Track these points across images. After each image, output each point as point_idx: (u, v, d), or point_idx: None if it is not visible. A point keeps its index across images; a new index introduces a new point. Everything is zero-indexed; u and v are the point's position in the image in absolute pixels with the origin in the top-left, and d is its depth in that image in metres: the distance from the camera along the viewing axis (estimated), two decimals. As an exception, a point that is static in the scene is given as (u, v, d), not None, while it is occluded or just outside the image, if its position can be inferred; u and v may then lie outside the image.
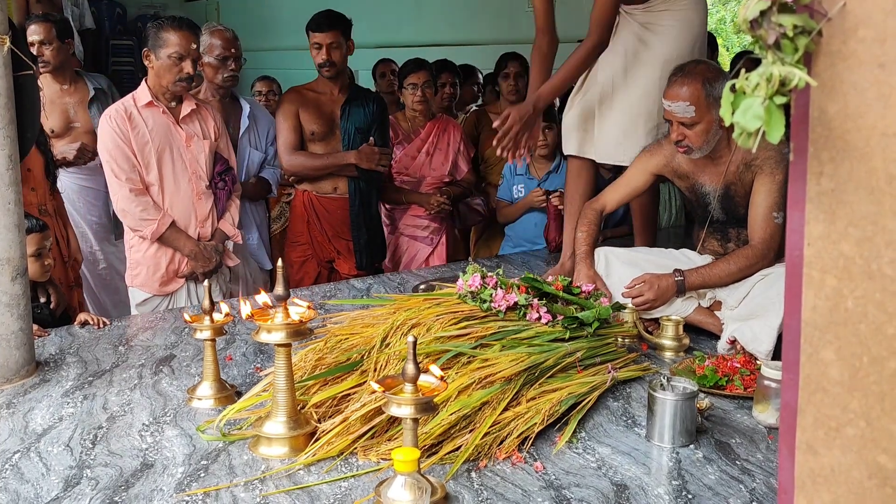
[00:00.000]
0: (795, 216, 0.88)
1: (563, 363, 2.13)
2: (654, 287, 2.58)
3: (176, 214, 3.17)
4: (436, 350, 2.01)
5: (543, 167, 4.13)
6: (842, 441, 0.87)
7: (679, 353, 2.52)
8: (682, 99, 2.51)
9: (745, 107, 0.80)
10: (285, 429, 1.84)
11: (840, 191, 0.84)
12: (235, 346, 2.63)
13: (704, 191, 2.74)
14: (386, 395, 1.57)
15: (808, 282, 0.88)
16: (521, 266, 3.65)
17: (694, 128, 2.54)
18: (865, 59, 0.80)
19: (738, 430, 1.99)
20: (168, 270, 3.20)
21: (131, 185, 3.08)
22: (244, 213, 3.86)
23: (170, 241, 3.17)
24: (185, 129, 3.19)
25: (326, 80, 3.81)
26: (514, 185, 4.14)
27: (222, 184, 3.30)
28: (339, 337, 2.12)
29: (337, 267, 3.95)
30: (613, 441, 1.93)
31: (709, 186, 2.72)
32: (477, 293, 2.24)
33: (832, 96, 0.83)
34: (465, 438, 1.82)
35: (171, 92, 3.15)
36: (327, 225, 3.89)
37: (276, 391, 1.85)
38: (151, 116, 3.14)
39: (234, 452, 1.86)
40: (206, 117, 3.29)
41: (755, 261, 2.54)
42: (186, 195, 3.20)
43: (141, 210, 3.10)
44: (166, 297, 3.23)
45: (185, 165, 3.19)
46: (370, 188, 3.92)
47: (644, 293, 2.58)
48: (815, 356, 0.89)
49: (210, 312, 2.14)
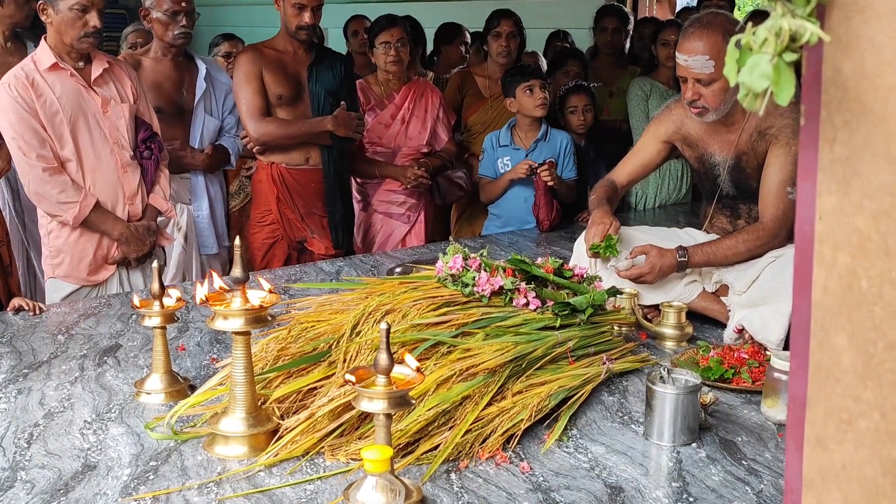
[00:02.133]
0: (806, 187, 0.88)
1: (552, 353, 2.13)
2: (655, 268, 2.59)
3: (99, 193, 3.07)
4: (412, 339, 2.01)
5: (530, 135, 4.12)
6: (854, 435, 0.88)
7: (681, 342, 2.54)
8: (699, 53, 2.50)
9: (751, 65, 0.80)
10: (244, 426, 1.84)
11: (855, 159, 0.84)
12: (189, 335, 2.62)
13: (714, 161, 2.75)
14: (356, 388, 1.57)
15: (819, 260, 0.88)
16: (508, 247, 3.65)
17: (711, 86, 2.54)
18: (884, 12, 0.80)
19: (745, 428, 2.01)
20: (96, 257, 3.12)
21: (44, 164, 2.94)
22: (195, 186, 3.84)
23: (95, 224, 3.07)
24: (99, 92, 3.06)
25: (291, 39, 3.78)
26: (499, 158, 4.13)
27: (148, 152, 3.19)
28: (304, 324, 2.12)
29: (310, 247, 3.94)
30: (608, 439, 1.94)
31: (718, 156, 2.73)
32: (458, 276, 2.24)
33: (847, 53, 0.83)
34: (444, 436, 1.83)
35: (76, 50, 2.99)
36: (299, 200, 3.87)
37: (233, 384, 1.85)
38: (58, 81, 2.98)
39: (186, 452, 1.85)
40: (121, 77, 3.16)
41: (766, 240, 2.56)
42: (110, 169, 3.09)
43: (59, 192, 2.97)
44: (95, 288, 3.16)
45: (105, 134, 3.07)
46: (343, 158, 3.91)
47: (645, 274, 2.60)
48: (825, 342, 0.89)
49: (160, 297, 2.13)
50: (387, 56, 4.14)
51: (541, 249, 3.66)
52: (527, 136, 4.11)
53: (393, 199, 4.27)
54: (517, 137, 4.13)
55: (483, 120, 4.59)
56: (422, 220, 4.31)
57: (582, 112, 4.33)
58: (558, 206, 4.00)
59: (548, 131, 4.09)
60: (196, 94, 3.80)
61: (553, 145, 4.10)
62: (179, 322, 2.65)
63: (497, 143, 4.14)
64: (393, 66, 4.16)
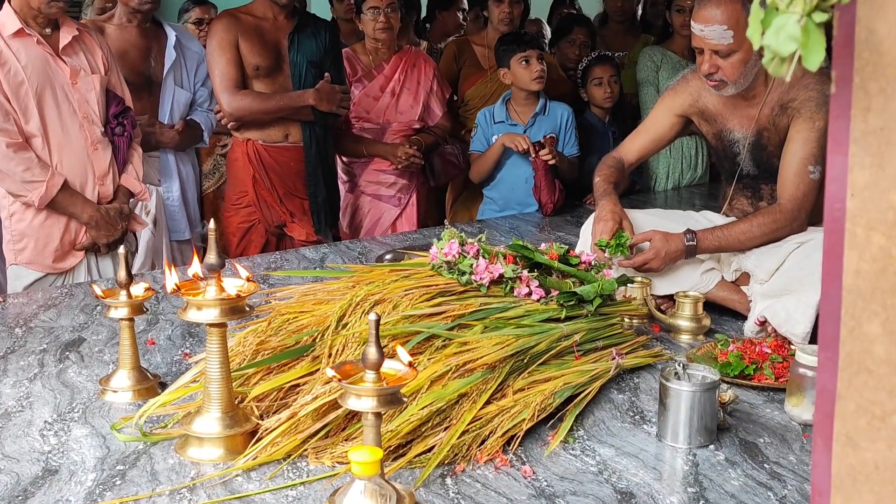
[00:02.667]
0: (837, 161, 0.88)
1: (557, 348, 2.14)
2: (660, 254, 2.60)
3: (67, 172, 3.07)
4: (404, 331, 2.02)
5: (527, 109, 4.12)
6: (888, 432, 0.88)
7: (698, 335, 2.55)
8: (717, 22, 2.50)
9: (777, 26, 0.80)
10: (220, 427, 1.84)
11: (890, 129, 0.84)
12: (159, 328, 2.62)
13: (733, 138, 2.75)
14: (343, 384, 1.58)
15: (851, 240, 0.89)
16: (507, 232, 3.66)
17: (730, 58, 2.54)
18: (923, -31, 0.80)
19: (768, 428, 2.02)
20: (63, 242, 3.12)
21: (8, 139, 2.94)
22: (165, 165, 3.83)
23: (63, 206, 3.07)
24: (68, 61, 3.05)
25: (270, 4, 3.77)
26: (493, 135, 4.13)
27: (120, 129, 3.20)
28: (285, 316, 2.12)
29: (289, 232, 3.94)
30: (618, 440, 1.95)
31: (738, 132, 2.74)
32: (454, 263, 2.24)
33: (882, 13, 0.83)
34: (439, 437, 1.83)
35: (43, 15, 2.97)
36: (278, 181, 3.87)
37: (208, 381, 1.85)
38: (23, 48, 2.97)
39: (156, 455, 1.86)
40: (91, 46, 3.16)
41: (783, 223, 2.57)
42: (79, 146, 3.09)
43: (23, 170, 2.97)
44: (61, 276, 3.16)
45: (74, 108, 3.07)
46: (326, 135, 3.90)
47: (649, 261, 2.61)
48: (857, 330, 0.90)
49: (127, 286, 2.13)
50: (375, 23, 4.13)
51: (544, 235, 3.67)
52: (523, 110, 4.11)
53: (382, 180, 4.27)
54: (513, 112, 4.13)
55: (481, 93, 4.59)
56: (414, 203, 4.32)
57: (608, 84, 4.32)
58: (561, 186, 4.01)
59: (546, 104, 4.09)
60: (165, 65, 3.79)
61: (552, 119, 4.10)
62: (148, 314, 2.65)
63: (491, 119, 4.14)
64: (382, 33, 4.15)
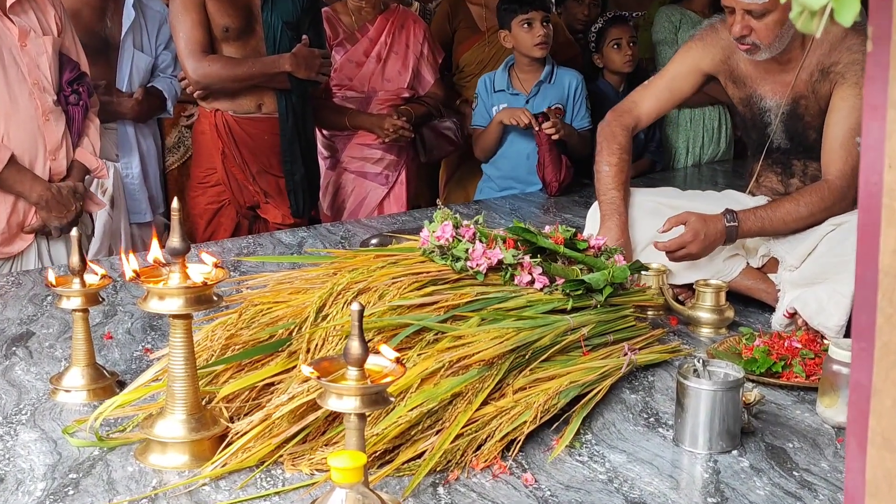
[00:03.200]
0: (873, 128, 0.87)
1: (563, 342, 2.14)
2: (699, 236, 2.55)
3: (15, 145, 3.04)
4: (391, 324, 2.01)
5: (531, 77, 4.11)
6: (931, 433, 0.88)
7: (720, 329, 2.55)
8: None
9: (808, -24, 0.79)
10: (185, 430, 1.84)
11: (935, 94, 0.84)
12: (116, 320, 2.61)
13: (764, 106, 2.75)
14: (322, 382, 1.57)
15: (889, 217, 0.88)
16: (508, 214, 3.66)
17: (764, 18, 2.53)
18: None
19: (797, 432, 2.02)
20: (10, 224, 3.11)
21: None
22: (124, 139, 3.81)
23: (9, 183, 3.05)
24: (16, 21, 3.03)
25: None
26: (494, 106, 4.13)
27: (75, 97, 3.18)
28: (258, 307, 2.12)
29: (263, 214, 3.95)
30: (630, 445, 1.95)
31: (770, 100, 2.73)
32: (448, 248, 2.24)
33: (927, -38, 0.82)
34: (431, 442, 1.83)
35: None
36: (250, 156, 3.87)
37: (172, 380, 1.85)
38: None
39: (114, 462, 1.85)
40: (42, 4, 3.14)
41: (832, 202, 2.55)
42: (28, 116, 3.06)
43: None
44: (7, 262, 3.15)
45: (23, 74, 3.04)
46: (305, 105, 3.89)
47: (687, 244, 2.57)
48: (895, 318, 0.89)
49: (81, 273, 2.12)
50: (359, -21, 4.13)
51: (549, 217, 3.67)
52: (527, 77, 4.10)
53: (367, 156, 4.26)
54: (515, 80, 4.12)
55: (478, 58, 4.58)
56: (402, 182, 4.31)
57: (627, 45, 4.32)
58: (569, 163, 4.00)
59: (553, 71, 4.08)
60: (123, 26, 3.78)
61: (559, 88, 4.09)
62: (105, 304, 2.65)
63: (492, 87, 4.14)
64: (367, -10, 4.15)
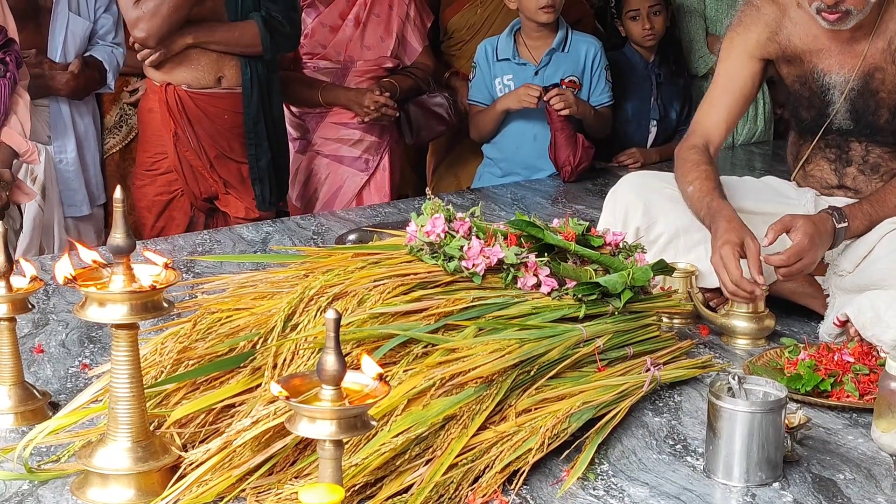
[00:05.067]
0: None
1: (574, 356, 2.14)
2: (815, 242, 2.48)
3: None
4: (372, 335, 2.01)
5: (540, 44, 4.10)
6: None
7: (758, 340, 2.56)
8: None
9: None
10: (130, 460, 1.83)
11: None
12: (49, 331, 2.61)
13: (827, 82, 2.74)
14: (292, 404, 1.57)
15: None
16: (510, 205, 3.66)
17: None
18: None
19: (849, 461, 2.02)
20: None
21: None
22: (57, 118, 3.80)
23: None
24: None
25: None
26: (497, 78, 4.12)
27: (2, 68, 3.18)
28: (216, 314, 2.11)
29: (223, 207, 3.94)
30: (653, 477, 1.95)
31: (836, 75, 2.72)
32: (439, 245, 2.24)
33: None
34: (420, 474, 1.82)
35: None
36: (207, 139, 3.86)
37: (114, 401, 1.84)
38: None
39: (46, 498, 1.84)
40: None
41: None
42: None
43: None
44: None
45: None
46: (272, 77, 3.88)
47: (804, 253, 2.48)
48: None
49: (7, 275, 2.12)
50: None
51: (557, 208, 3.67)
52: (536, 45, 4.10)
53: (344, 137, 4.25)
54: (522, 47, 4.11)
55: (469, 22, 4.57)
56: (385, 168, 4.31)
57: (647, 17, 4.32)
58: (586, 143, 3.99)
59: (567, 37, 4.07)
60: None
61: (574, 58, 4.09)
62: (35, 312, 2.63)
63: (494, 56, 4.12)
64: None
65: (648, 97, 4.43)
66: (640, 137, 4.47)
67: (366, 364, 1.65)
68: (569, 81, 3.96)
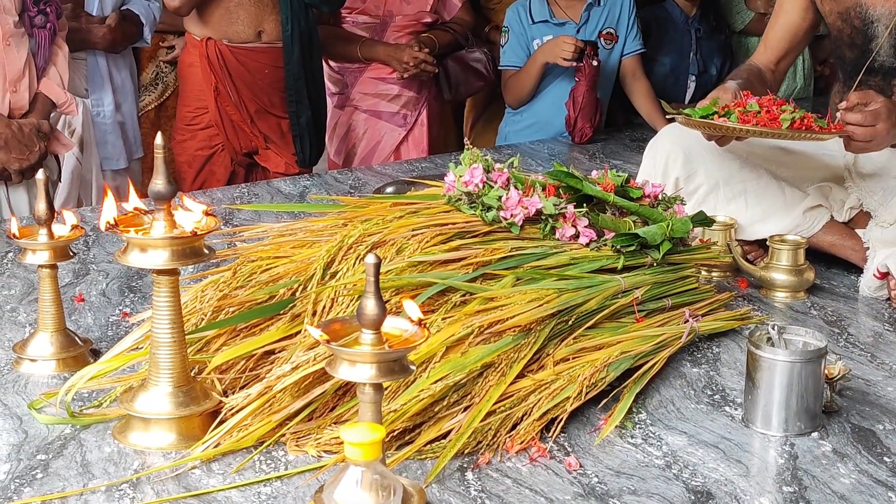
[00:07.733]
0: None
1: (612, 306, 2.14)
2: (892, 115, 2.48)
3: None
4: (411, 283, 2.01)
5: (575, 2, 4.05)
6: None
7: (798, 293, 2.55)
8: None
9: None
10: (171, 405, 1.84)
11: None
12: (90, 280, 2.62)
13: (870, 16, 2.72)
14: (332, 348, 1.58)
15: None
16: (546, 160, 3.66)
17: None
18: None
19: (889, 411, 2.02)
20: None
21: None
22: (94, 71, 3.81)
23: None
24: None
25: None
26: (534, 40, 4.09)
27: (42, 18, 3.17)
28: (256, 262, 2.12)
29: (262, 162, 3.95)
30: (691, 426, 1.95)
31: (880, 7, 2.70)
32: (477, 195, 2.24)
33: None
34: (458, 420, 1.83)
35: None
36: (248, 93, 3.87)
37: (155, 347, 1.85)
38: None
39: (89, 442, 1.86)
40: None
41: None
42: None
43: None
44: None
45: None
46: (313, 32, 3.87)
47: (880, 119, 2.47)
48: None
49: (48, 223, 2.13)
50: None
51: (595, 163, 3.66)
52: (571, 3, 4.05)
53: (382, 92, 4.25)
54: (556, 6, 4.07)
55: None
56: (423, 123, 4.30)
57: None
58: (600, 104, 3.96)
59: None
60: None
61: (610, 9, 4.05)
62: (76, 261, 2.66)
63: (528, 18, 4.08)
64: None
65: (688, 52, 4.40)
66: (678, 92, 4.45)
67: (408, 307, 1.65)
68: (606, 34, 3.93)
